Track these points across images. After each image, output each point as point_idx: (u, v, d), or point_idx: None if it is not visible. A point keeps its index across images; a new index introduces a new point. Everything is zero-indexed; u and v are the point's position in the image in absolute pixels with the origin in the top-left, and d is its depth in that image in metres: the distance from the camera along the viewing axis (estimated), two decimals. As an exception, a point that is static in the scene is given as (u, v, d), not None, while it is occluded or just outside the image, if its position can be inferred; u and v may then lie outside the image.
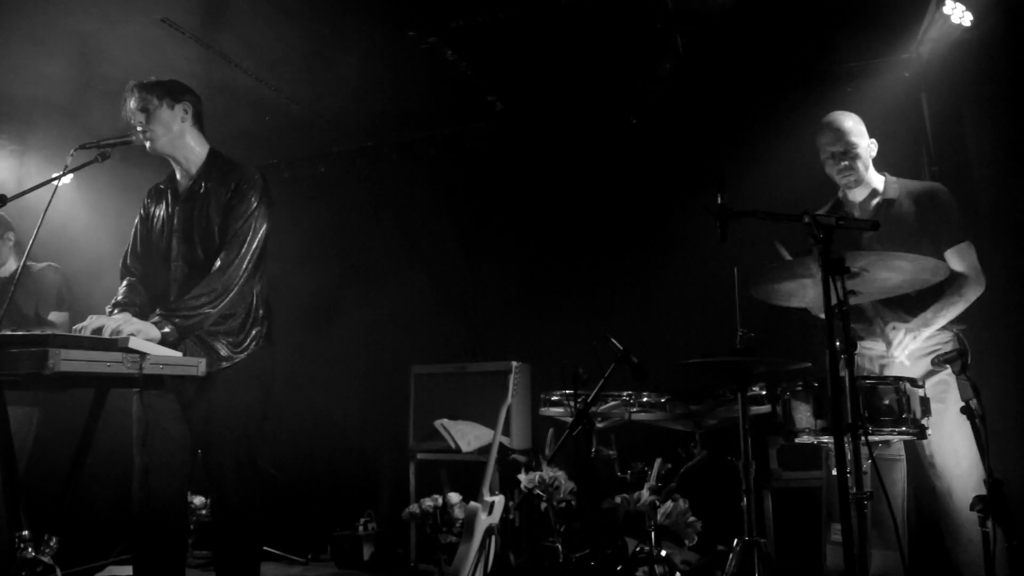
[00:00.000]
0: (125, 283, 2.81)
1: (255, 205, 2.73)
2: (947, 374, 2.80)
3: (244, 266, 2.67)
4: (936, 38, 4.02)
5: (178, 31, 3.98)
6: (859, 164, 3.04)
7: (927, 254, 2.69)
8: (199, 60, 4.23)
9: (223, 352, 2.68)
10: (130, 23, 3.88)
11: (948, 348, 2.89)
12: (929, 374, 2.87)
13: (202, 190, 2.78)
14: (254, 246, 2.71)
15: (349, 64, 4.44)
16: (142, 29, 3.94)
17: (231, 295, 2.63)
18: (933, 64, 4.15)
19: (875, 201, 3.10)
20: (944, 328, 2.94)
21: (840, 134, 3.04)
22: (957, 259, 2.94)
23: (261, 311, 2.82)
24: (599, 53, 4.38)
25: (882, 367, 3.01)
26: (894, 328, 2.88)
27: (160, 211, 2.85)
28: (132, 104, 2.73)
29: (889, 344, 2.88)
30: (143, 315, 2.57)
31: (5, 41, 3.98)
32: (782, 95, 4.59)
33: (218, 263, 2.64)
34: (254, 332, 2.77)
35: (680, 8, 3.92)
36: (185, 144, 2.81)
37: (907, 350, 2.85)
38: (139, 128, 2.72)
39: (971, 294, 2.93)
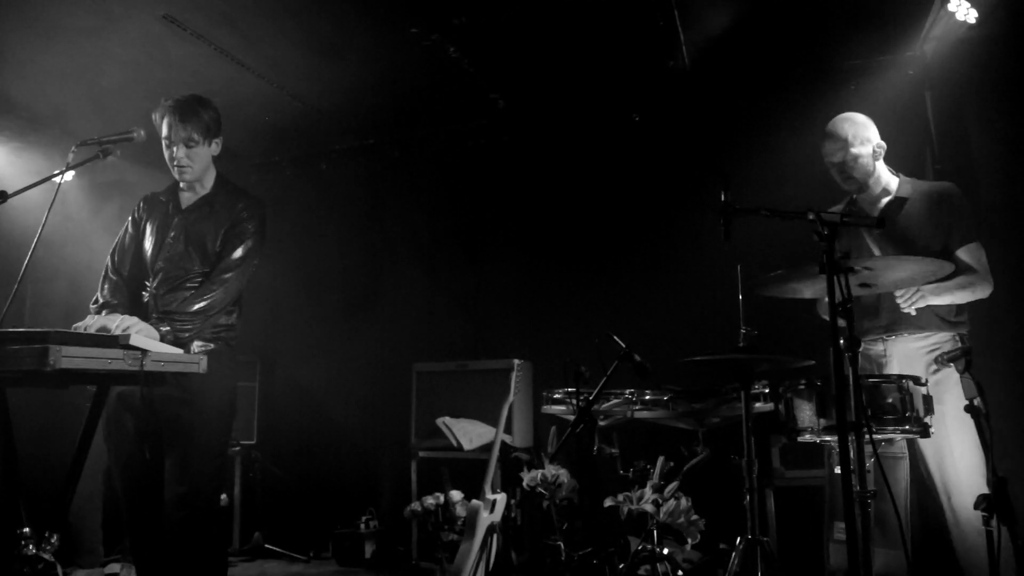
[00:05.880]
0: (108, 283, 2.85)
1: (253, 233, 2.85)
2: (945, 374, 2.79)
3: (238, 287, 2.81)
4: (940, 36, 4.00)
5: (180, 27, 3.96)
6: (858, 174, 3.04)
7: (938, 252, 2.67)
8: (201, 57, 4.19)
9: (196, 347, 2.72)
10: (132, 19, 3.87)
11: (948, 348, 2.89)
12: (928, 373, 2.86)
13: (205, 209, 2.87)
14: (247, 273, 2.84)
15: (351, 61, 4.43)
16: (144, 25, 3.92)
17: (220, 311, 2.75)
18: (937, 62, 4.14)
19: (887, 200, 3.10)
20: (945, 328, 2.93)
21: (840, 144, 3.03)
22: (968, 257, 2.93)
23: (234, 316, 2.90)
24: (601, 50, 4.36)
25: (880, 366, 3.00)
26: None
27: (155, 220, 2.91)
28: (179, 132, 2.76)
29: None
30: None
31: (5, 38, 3.97)
32: (786, 92, 4.58)
33: (216, 282, 2.74)
34: (225, 331, 2.84)
35: (684, 5, 3.91)
36: (206, 172, 2.92)
37: (914, 305, 2.84)
38: (176, 161, 2.79)
39: (980, 290, 2.93)
